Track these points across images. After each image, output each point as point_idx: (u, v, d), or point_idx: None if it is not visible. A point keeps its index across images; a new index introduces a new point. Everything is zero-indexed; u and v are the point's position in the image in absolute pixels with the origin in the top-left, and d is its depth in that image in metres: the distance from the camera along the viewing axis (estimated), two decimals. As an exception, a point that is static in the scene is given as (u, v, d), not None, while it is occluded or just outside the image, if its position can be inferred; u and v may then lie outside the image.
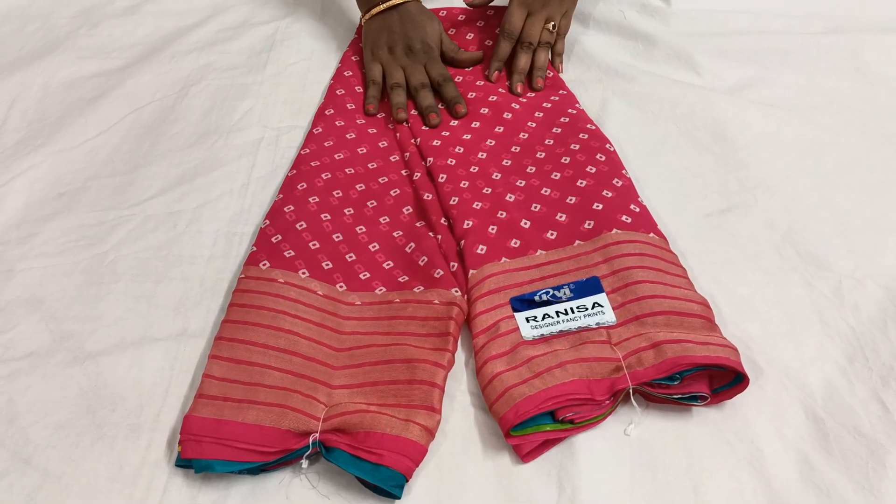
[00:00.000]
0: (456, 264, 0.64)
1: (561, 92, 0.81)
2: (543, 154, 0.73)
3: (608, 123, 0.78)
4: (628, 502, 0.51)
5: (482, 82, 0.83)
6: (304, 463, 0.52)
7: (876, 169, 0.72)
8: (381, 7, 0.83)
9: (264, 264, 0.63)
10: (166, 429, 0.56)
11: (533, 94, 0.82)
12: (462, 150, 0.74)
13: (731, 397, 0.55)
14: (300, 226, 0.67)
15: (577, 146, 0.72)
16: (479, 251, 0.64)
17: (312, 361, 0.57)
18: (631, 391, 0.54)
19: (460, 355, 0.60)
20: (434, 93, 0.81)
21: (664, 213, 0.68)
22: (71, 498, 0.52)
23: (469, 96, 0.81)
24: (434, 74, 0.81)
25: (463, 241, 0.65)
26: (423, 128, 0.77)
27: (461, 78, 0.84)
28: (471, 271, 0.62)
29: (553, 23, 0.83)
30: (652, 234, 0.64)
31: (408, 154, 0.75)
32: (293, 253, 0.64)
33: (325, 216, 0.68)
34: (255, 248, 0.65)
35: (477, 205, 0.68)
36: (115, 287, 0.65)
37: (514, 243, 0.64)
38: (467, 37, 0.89)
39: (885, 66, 0.83)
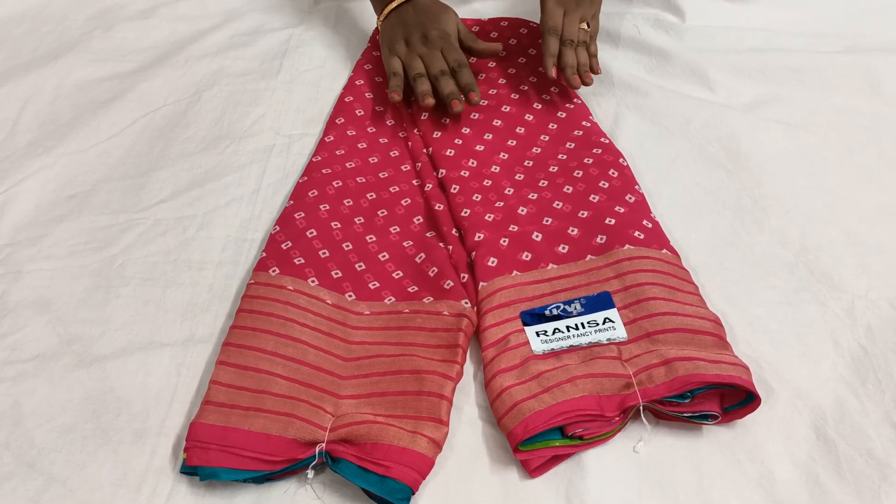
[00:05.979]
0: (466, 275, 0.63)
1: (576, 100, 0.81)
2: (556, 168, 0.73)
3: (621, 138, 0.77)
4: (637, 521, 0.50)
5: (495, 90, 0.83)
6: (310, 473, 0.52)
7: (890, 188, 0.72)
8: (396, 3, 0.83)
9: (274, 270, 0.63)
10: (172, 435, 0.55)
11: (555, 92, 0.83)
12: (475, 163, 0.74)
13: (743, 417, 0.54)
14: (310, 233, 0.66)
15: (591, 160, 0.72)
16: (490, 263, 0.63)
17: (320, 371, 0.57)
18: (641, 408, 0.53)
19: (469, 368, 0.59)
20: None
21: (676, 228, 0.68)
22: (74, 503, 0.51)
23: (482, 104, 0.81)
24: (450, 60, 0.79)
25: (474, 253, 0.64)
26: (435, 135, 0.77)
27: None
28: (481, 283, 0.62)
29: (586, 22, 0.83)
30: (664, 251, 0.63)
31: (419, 164, 0.75)
32: (303, 260, 0.64)
33: (336, 224, 0.68)
34: (264, 254, 0.64)
35: (489, 217, 0.68)
36: (124, 291, 0.65)
37: (526, 256, 0.64)
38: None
39: (901, 85, 0.82)
